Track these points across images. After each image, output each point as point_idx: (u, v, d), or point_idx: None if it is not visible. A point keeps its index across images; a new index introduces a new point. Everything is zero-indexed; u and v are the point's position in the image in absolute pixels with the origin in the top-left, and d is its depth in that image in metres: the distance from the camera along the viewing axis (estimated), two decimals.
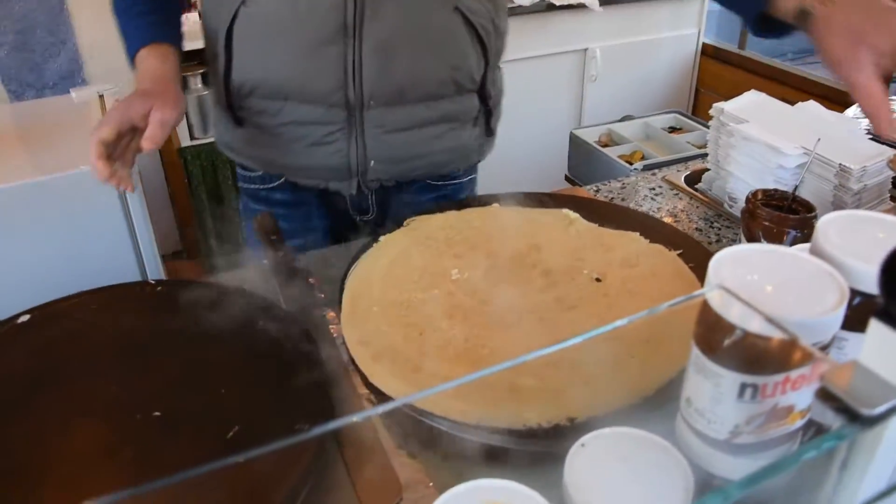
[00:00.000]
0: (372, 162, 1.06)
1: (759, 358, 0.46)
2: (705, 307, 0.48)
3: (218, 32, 1.02)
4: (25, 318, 0.79)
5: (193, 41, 2.34)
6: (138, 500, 0.32)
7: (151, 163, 2.65)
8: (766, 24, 0.88)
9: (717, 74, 3.10)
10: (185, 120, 2.35)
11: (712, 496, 0.36)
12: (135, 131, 0.87)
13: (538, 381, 0.68)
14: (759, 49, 3.01)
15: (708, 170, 1.18)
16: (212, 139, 2.39)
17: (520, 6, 2.77)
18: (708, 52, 3.13)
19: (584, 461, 0.50)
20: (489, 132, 1.18)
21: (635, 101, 3.04)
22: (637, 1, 2.96)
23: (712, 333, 0.47)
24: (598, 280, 0.83)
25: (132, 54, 1.01)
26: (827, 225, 0.53)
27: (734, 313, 0.45)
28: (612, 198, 1.17)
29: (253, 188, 1.18)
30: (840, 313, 0.45)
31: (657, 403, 0.66)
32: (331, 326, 0.82)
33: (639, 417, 0.53)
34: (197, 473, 0.34)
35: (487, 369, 0.41)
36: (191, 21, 2.53)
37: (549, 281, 0.84)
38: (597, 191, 1.21)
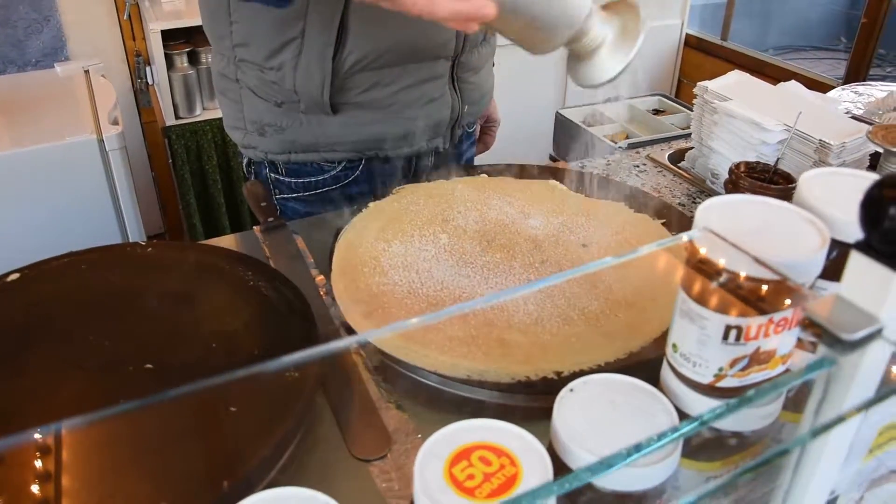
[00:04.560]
0: (466, 107, 1.12)
1: (743, 299, 0.47)
2: (692, 250, 0.49)
3: (327, 19, 0.96)
4: (15, 276, 0.79)
5: (178, 20, 2.33)
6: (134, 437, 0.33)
7: (135, 143, 2.63)
8: None
9: (699, 65, 3.13)
10: (170, 99, 2.34)
11: (687, 423, 0.37)
12: None
13: (526, 338, 0.70)
14: (740, 41, 3.05)
15: (691, 148, 1.20)
16: (197, 118, 2.39)
17: None
18: (691, 43, 3.16)
19: (572, 404, 0.51)
20: None
21: (618, 87, 3.06)
22: None
23: (698, 276, 0.49)
24: (584, 246, 0.85)
25: None
26: (809, 179, 0.55)
27: (719, 255, 0.47)
28: (597, 174, 1.19)
29: (320, 192, 1.12)
30: (821, 256, 0.47)
31: (642, 358, 0.68)
32: (320, 290, 0.83)
33: (625, 373, 0.54)
34: (179, 394, 0.35)
35: (451, 308, 0.43)
36: (177, 0, 2.52)
37: (535, 245, 0.85)
38: (582, 167, 1.22)
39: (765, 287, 0.46)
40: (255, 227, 1.00)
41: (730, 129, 1.08)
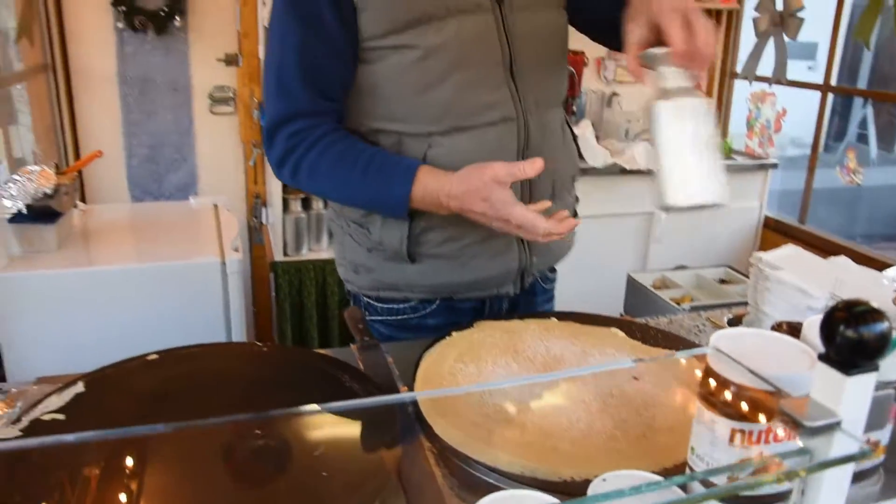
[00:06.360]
0: (534, 258, 1.26)
1: (746, 407, 0.58)
2: (706, 367, 0.61)
3: None
4: (154, 356, 0.97)
5: None
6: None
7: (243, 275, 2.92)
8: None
9: (776, 245, 3.23)
10: (281, 237, 2.62)
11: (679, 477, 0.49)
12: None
13: (575, 448, 0.81)
14: (828, 227, 3.17)
15: (748, 313, 1.31)
16: (302, 257, 2.65)
17: (593, 168, 3.02)
18: (769, 225, 3.29)
19: (603, 489, 0.62)
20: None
21: (697, 260, 3.20)
22: None
23: (710, 387, 0.60)
24: (635, 378, 0.96)
25: (405, 197, 1.10)
26: (811, 323, 0.67)
27: (727, 370, 0.59)
28: (658, 329, 1.31)
29: (402, 318, 1.29)
30: (809, 374, 0.58)
31: (674, 473, 0.77)
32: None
33: None
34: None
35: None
36: None
37: (592, 374, 0.97)
38: (645, 323, 1.34)
39: (764, 398, 0.58)
40: (351, 345, 1.15)
41: (780, 296, 1.19)
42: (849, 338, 0.48)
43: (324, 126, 1.14)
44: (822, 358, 0.50)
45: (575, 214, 1.39)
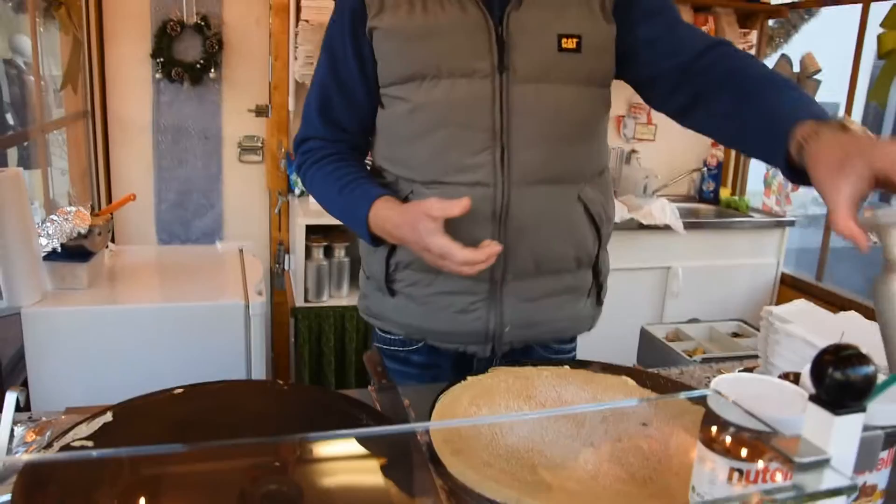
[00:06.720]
0: (507, 327, 1.26)
1: (743, 447, 0.61)
2: (706, 409, 0.64)
3: None
4: (180, 390, 1.01)
5: (320, 218, 2.71)
6: None
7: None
8: (795, 172, 0.96)
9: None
10: (303, 284, 2.67)
11: None
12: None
13: (582, 487, 0.83)
14: (847, 285, 3.18)
15: (759, 366, 1.33)
16: (323, 303, 2.70)
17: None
18: (787, 282, 3.30)
19: None
20: (599, 303, 1.39)
21: (713, 315, 3.21)
22: (719, 228, 3.22)
23: (709, 428, 0.63)
24: (643, 424, 0.99)
25: (364, 220, 1.20)
26: (807, 370, 0.70)
27: (725, 412, 0.62)
28: (669, 379, 1.33)
29: (392, 349, 1.38)
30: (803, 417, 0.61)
31: None
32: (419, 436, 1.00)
33: None
34: None
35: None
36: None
37: (602, 419, 1.00)
38: (657, 372, 1.36)
39: (760, 438, 0.60)
40: (369, 387, 1.19)
41: (789, 348, 1.21)
42: (836, 379, 0.51)
43: (330, 149, 1.29)
44: (812, 398, 0.53)
45: (598, 300, 1.37)
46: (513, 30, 1.16)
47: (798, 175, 0.95)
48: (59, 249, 1.67)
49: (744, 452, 0.61)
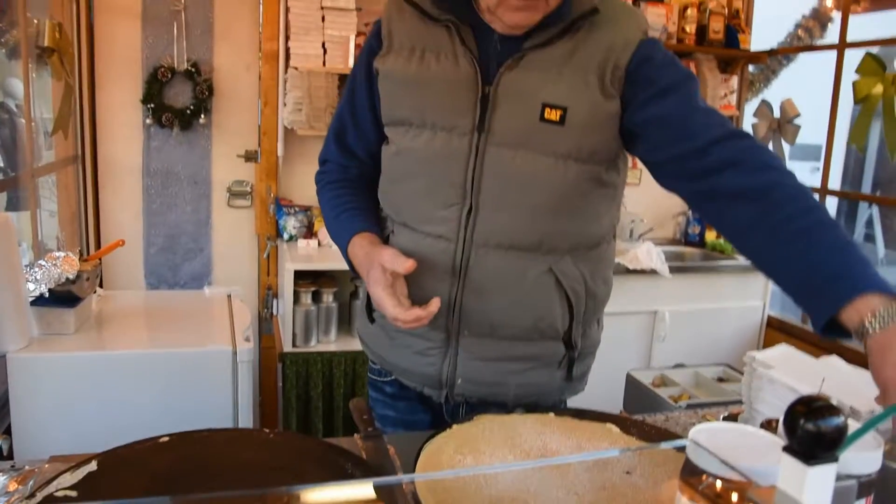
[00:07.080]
0: (459, 380, 1.27)
1: (720, 497, 0.62)
2: (685, 458, 0.65)
3: None
4: (165, 438, 1.01)
5: (309, 263, 2.72)
6: None
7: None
8: (831, 326, 0.95)
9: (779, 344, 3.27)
10: (290, 329, 2.67)
11: None
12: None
13: None
14: None
15: (743, 411, 1.34)
16: (311, 348, 2.69)
17: None
18: (773, 325, 3.32)
19: None
20: (569, 378, 1.32)
21: (700, 359, 3.22)
22: (705, 272, 3.25)
23: (688, 477, 0.64)
24: (627, 473, 0.99)
25: (345, 248, 1.29)
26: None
27: (703, 462, 0.63)
28: (654, 426, 1.33)
29: (372, 377, 1.44)
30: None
31: None
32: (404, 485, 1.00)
33: None
34: None
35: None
36: (310, 247, 2.95)
37: (585, 468, 1.00)
38: (642, 419, 1.37)
39: (737, 487, 0.61)
40: (355, 435, 1.19)
41: (772, 394, 1.23)
42: (808, 430, 0.53)
43: (340, 173, 1.37)
44: (786, 449, 0.54)
45: (568, 369, 1.31)
46: (500, 92, 1.15)
47: (833, 328, 0.95)
48: (47, 294, 1.67)
49: (721, 502, 0.62)
